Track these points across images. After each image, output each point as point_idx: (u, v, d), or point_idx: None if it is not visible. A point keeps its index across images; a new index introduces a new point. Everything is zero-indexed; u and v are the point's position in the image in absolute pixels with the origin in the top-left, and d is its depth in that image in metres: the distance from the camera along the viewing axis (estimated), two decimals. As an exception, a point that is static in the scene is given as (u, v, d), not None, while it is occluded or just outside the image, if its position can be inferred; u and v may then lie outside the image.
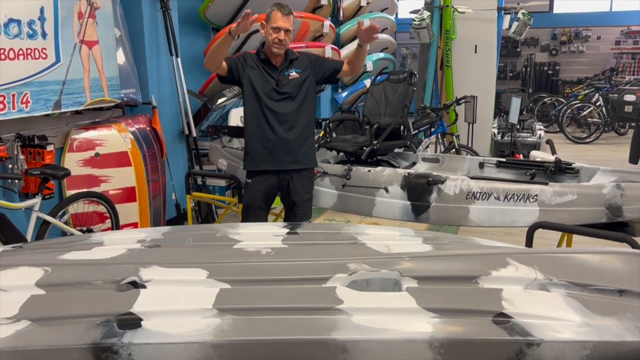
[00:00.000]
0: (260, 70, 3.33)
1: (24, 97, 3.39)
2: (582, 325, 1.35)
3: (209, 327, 1.33)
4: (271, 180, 3.42)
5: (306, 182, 3.50)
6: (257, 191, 3.43)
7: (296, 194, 3.45)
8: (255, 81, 3.32)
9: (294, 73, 3.36)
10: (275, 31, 3.23)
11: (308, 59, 3.46)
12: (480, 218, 3.47)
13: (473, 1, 7.18)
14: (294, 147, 3.38)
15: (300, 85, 3.38)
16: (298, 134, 3.38)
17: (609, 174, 3.65)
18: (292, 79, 3.36)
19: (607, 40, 13.13)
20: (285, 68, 3.36)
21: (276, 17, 3.23)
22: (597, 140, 10.36)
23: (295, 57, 3.41)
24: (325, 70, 3.49)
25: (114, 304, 1.41)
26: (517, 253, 1.72)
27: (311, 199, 3.60)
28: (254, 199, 3.44)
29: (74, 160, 4.01)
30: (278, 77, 3.33)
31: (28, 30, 3.40)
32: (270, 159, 3.37)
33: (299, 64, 3.40)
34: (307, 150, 3.47)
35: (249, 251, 1.83)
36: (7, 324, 1.32)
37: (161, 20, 4.89)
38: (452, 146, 6.37)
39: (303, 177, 3.46)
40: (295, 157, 3.40)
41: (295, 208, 3.49)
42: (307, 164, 3.48)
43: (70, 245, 1.93)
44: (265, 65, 3.35)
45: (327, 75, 3.50)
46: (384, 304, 1.45)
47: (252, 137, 3.41)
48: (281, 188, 3.46)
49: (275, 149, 3.35)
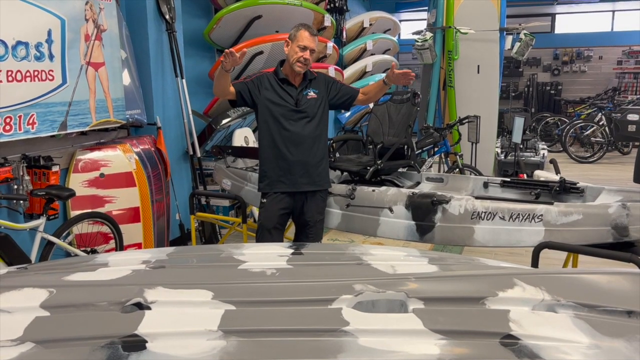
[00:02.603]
0: (278, 91, 3.34)
1: (30, 118, 3.42)
2: (590, 347, 1.33)
3: (214, 350, 1.32)
4: (287, 200, 3.41)
5: (320, 203, 3.51)
6: (273, 210, 3.41)
7: (310, 214, 3.45)
8: (273, 102, 3.33)
9: (312, 93, 3.38)
10: (302, 50, 3.27)
11: (325, 81, 3.48)
12: (485, 238, 3.45)
13: (475, 22, 7.23)
14: (310, 168, 3.38)
15: (317, 105, 3.39)
16: (315, 155, 3.39)
17: (614, 193, 3.63)
18: (310, 99, 3.37)
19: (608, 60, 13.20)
20: (304, 88, 3.37)
21: (303, 36, 3.27)
22: (601, 159, 10.35)
23: (313, 77, 3.43)
24: (340, 95, 3.50)
25: (119, 325, 1.40)
26: (524, 273, 1.70)
27: (323, 220, 3.61)
28: (270, 218, 3.42)
29: (79, 180, 4.03)
30: (297, 96, 3.34)
31: (35, 53, 3.45)
32: (286, 180, 3.36)
33: (316, 84, 3.42)
34: (323, 172, 3.47)
35: (254, 272, 1.82)
36: (12, 346, 1.31)
37: (166, 42, 4.94)
38: (456, 166, 6.37)
39: (317, 198, 3.47)
40: (312, 178, 3.40)
41: (307, 228, 3.49)
42: (323, 185, 3.49)
43: (75, 266, 1.92)
44: (284, 84, 3.36)
45: (341, 100, 3.52)
46: (390, 326, 1.43)
47: (268, 159, 3.40)
48: (295, 208, 3.46)
49: (292, 170, 3.34)
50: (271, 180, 3.40)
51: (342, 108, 3.69)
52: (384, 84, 3.48)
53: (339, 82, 3.61)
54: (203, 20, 5.98)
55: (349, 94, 3.53)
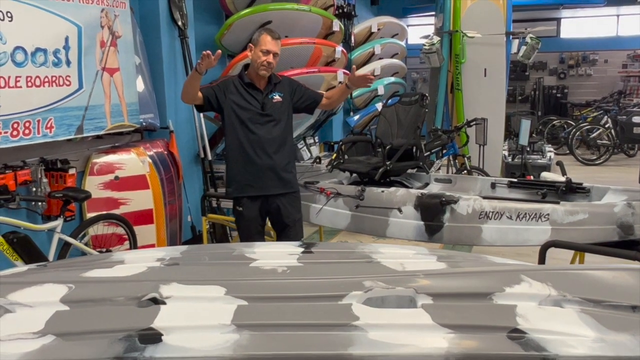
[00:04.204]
0: (244, 95, 3.31)
1: (48, 122, 3.47)
2: (596, 340, 1.33)
3: (228, 342, 1.33)
4: (260, 204, 3.37)
5: (295, 202, 3.46)
6: (252, 217, 3.38)
7: (287, 215, 3.40)
8: (239, 106, 3.30)
9: (277, 97, 3.35)
10: (265, 54, 3.24)
11: (289, 84, 3.45)
12: (493, 237, 3.45)
13: (482, 26, 7.22)
14: (279, 171, 3.33)
15: (283, 108, 3.36)
16: (282, 158, 3.34)
17: (619, 193, 3.62)
18: (276, 102, 3.33)
19: (614, 64, 13.11)
20: (270, 91, 3.34)
21: (266, 40, 3.24)
22: (607, 162, 10.27)
23: (278, 81, 3.40)
24: (304, 99, 3.46)
25: (136, 319, 1.42)
26: (531, 270, 1.71)
27: (302, 218, 3.55)
28: (251, 224, 3.39)
29: (95, 183, 4.06)
30: (263, 100, 3.31)
31: (53, 59, 3.49)
32: (255, 184, 3.32)
33: (281, 87, 3.39)
34: (291, 175, 3.43)
35: (265, 269, 1.83)
36: (34, 339, 1.33)
37: (179, 47, 4.99)
38: (464, 167, 6.36)
39: (292, 198, 3.43)
40: (282, 181, 3.35)
41: (287, 230, 3.44)
42: (293, 187, 3.44)
43: (93, 263, 1.95)
44: (249, 88, 3.33)
45: (305, 104, 3.48)
46: (399, 321, 1.44)
47: (236, 163, 3.35)
48: (270, 211, 3.41)
49: (261, 174, 3.30)
50: (240, 185, 3.36)
51: (305, 112, 3.60)
52: (346, 88, 3.43)
53: (303, 87, 3.57)
54: (214, 26, 6.02)
55: (312, 98, 3.50)
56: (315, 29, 6.25)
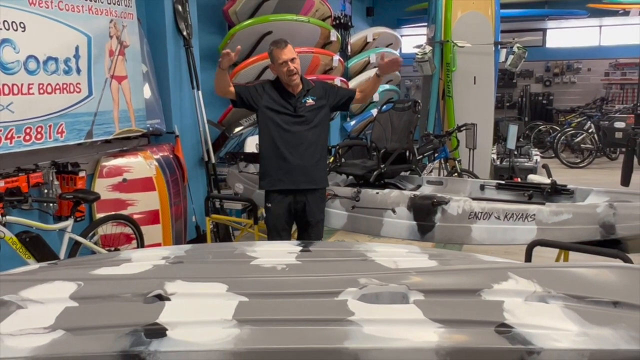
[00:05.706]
0: (277, 99, 3.35)
1: (59, 127, 3.47)
2: (579, 334, 1.34)
3: (229, 337, 1.33)
4: (289, 200, 3.40)
5: (320, 202, 3.50)
6: (279, 214, 3.40)
7: (311, 214, 3.43)
8: (273, 109, 3.34)
9: (310, 100, 3.37)
10: (284, 65, 3.26)
11: (323, 88, 3.49)
12: (482, 236, 3.45)
13: (472, 36, 7.23)
14: (310, 170, 3.37)
15: (315, 111, 3.39)
16: (313, 158, 3.37)
17: (602, 194, 3.63)
18: (309, 106, 3.37)
19: (597, 72, 13.12)
20: (302, 96, 3.37)
21: (279, 54, 3.27)
22: (590, 165, 10.29)
23: (311, 87, 3.43)
24: (340, 97, 3.51)
25: (141, 315, 1.42)
26: (517, 267, 1.71)
27: (323, 219, 3.59)
28: (278, 221, 3.42)
29: (104, 185, 4.06)
30: (295, 103, 3.34)
31: (64, 67, 3.49)
32: (286, 179, 3.35)
33: (315, 92, 3.42)
34: (322, 172, 3.47)
35: (266, 267, 1.83)
36: (44, 333, 1.33)
37: (184, 56, 4.99)
38: (455, 170, 6.36)
39: (317, 197, 3.46)
40: (311, 177, 3.38)
41: (309, 228, 3.47)
42: (322, 184, 3.48)
43: (101, 261, 1.95)
44: (283, 93, 3.36)
45: (341, 102, 3.53)
46: (392, 316, 1.45)
47: (269, 159, 3.39)
48: (297, 209, 3.44)
49: (292, 171, 3.33)
50: (272, 179, 3.38)
51: (343, 109, 3.73)
52: (377, 77, 3.46)
53: (336, 87, 3.65)
54: (218, 36, 6.02)
55: (347, 95, 3.54)
56: (313, 38, 6.26)
